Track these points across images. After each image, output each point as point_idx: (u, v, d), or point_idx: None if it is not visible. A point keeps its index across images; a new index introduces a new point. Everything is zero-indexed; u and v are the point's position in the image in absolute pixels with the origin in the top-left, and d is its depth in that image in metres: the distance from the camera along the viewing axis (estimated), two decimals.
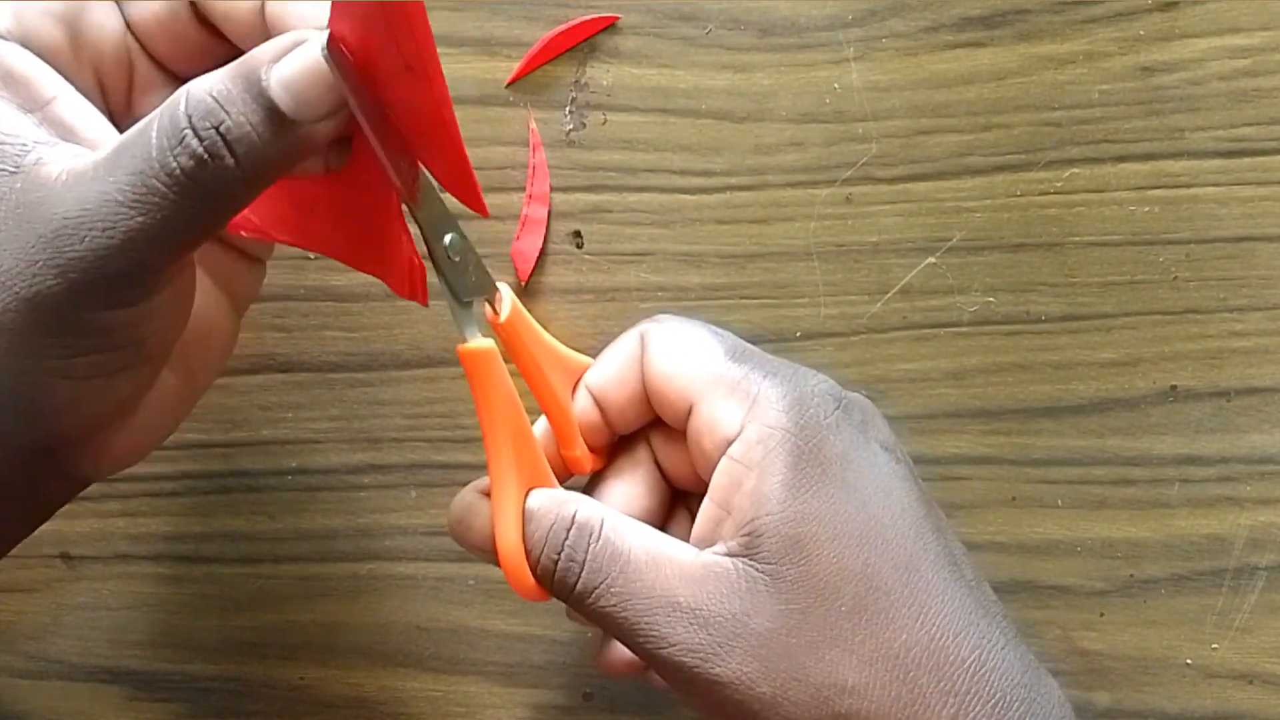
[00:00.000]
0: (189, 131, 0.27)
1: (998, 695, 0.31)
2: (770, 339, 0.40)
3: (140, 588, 0.42)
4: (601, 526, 0.33)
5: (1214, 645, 0.40)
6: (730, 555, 0.32)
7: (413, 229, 0.33)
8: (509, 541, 0.33)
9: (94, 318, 0.29)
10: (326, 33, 0.28)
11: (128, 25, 0.32)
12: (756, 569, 0.31)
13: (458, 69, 0.40)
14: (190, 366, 0.34)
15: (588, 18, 0.40)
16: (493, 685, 0.41)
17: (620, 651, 0.35)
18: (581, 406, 0.36)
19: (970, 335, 0.40)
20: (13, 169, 0.28)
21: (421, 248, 0.33)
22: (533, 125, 0.40)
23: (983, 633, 0.32)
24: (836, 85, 0.40)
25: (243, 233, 0.33)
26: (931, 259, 0.40)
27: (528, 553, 0.33)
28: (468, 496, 0.34)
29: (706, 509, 0.33)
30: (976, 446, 0.40)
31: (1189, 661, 0.40)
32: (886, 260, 0.40)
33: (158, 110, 0.28)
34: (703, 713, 0.33)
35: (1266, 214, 0.39)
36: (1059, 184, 0.40)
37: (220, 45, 0.33)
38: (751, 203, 0.40)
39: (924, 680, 0.31)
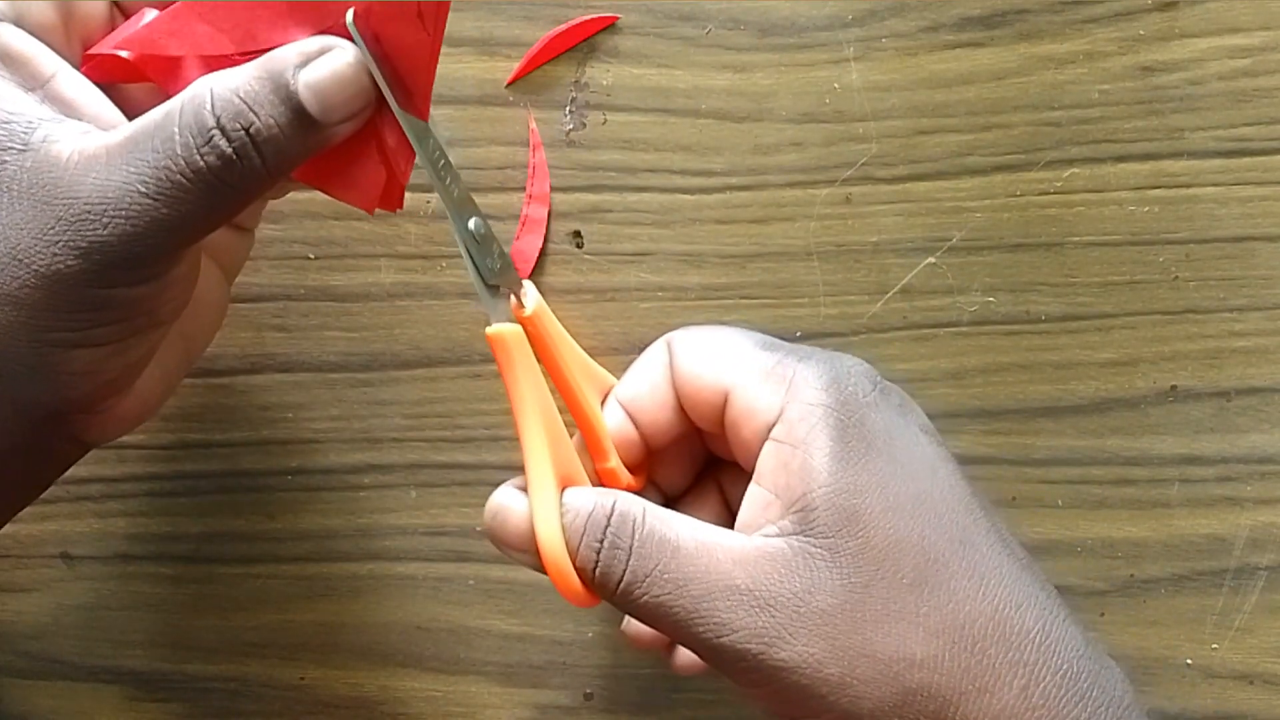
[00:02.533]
0: (216, 132, 0.28)
1: (1065, 666, 0.31)
2: None
3: (140, 588, 0.42)
4: (645, 515, 0.32)
5: (1214, 645, 0.40)
6: (784, 535, 0.31)
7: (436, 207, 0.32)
8: (550, 535, 0.32)
9: (111, 294, 0.30)
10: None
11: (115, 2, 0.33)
12: (813, 545, 0.31)
13: (458, 69, 0.40)
14: (186, 332, 0.35)
15: (588, 18, 0.40)
16: (493, 685, 0.41)
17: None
18: (615, 421, 0.35)
19: (970, 335, 0.40)
20: (21, 146, 0.29)
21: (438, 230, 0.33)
22: (533, 125, 0.40)
23: (1044, 605, 0.31)
24: (836, 85, 0.40)
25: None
26: (931, 259, 0.40)
27: (568, 545, 0.32)
28: (503, 492, 0.33)
29: (752, 494, 0.32)
30: (976, 446, 0.40)
31: (1189, 661, 0.40)
32: (886, 260, 0.40)
33: (176, 102, 0.29)
34: (765, 703, 0.32)
35: (1266, 214, 0.39)
36: (1059, 184, 0.40)
37: None
38: (751, 203, 0.40)
39: (992, 651, 0.30)
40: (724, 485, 0.37)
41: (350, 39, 0.30)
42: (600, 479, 0.35)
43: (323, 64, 0.29)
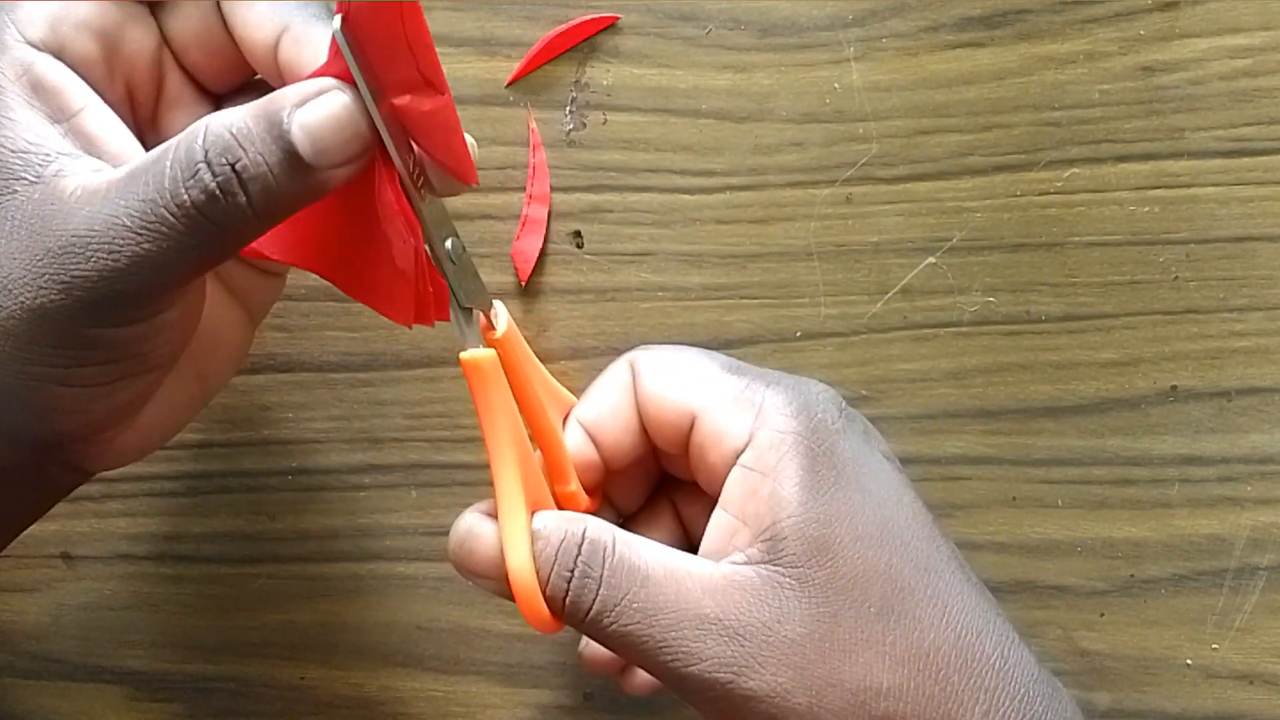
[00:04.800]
0: (203, 165, 0.27)
1: (1022, 691, 0.31)
2: (770, 339, 0.40)
3: (140, 588, 0.42)
4: (614, 543, 0.32)
5: (1214, 645, 0.40)
6: (752, 563, 0.31)
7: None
8: (520, 564, 0.32)
9: (96, 334, 0.29)
10: (349, 90, 0.29)
11: (163, 37, 0.33)
12: (782, 574, 0.31)
13: (458, 69, 0.40)
14: (201, 372, 0.35)
15: (588, 18, 0.40)
16: (493, 685, 0.41)
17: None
18: (575, 442, 0.35)
19: (970, 335, 0.40)
20: (34, 178, 0.29)
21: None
22: (533, 125, 0.40)
23: (1000, 630, 0.32)
24: (837, 85, 0.40)
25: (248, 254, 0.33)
26: (932, 259, 0.40)
27: (539, 574, 0.31)
28: (469, 518, 0.33)
29: (718, 521, 0.33)
30: (977, 446, 0.40)
31: (1189, 661, 0.40)
32: (887, 260, 0.40)
33: (176, 138, 0.28)
34: None
35: (1267, 214, 0.39)
36: (1059, 184, 0.40)
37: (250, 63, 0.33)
38: (752, 203, 0.40)
39: (955, 678, 0.31)
40: (679, 504, 0.37)
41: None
42: (560, 502, 0.35)
43: (319, 105, 0.28)
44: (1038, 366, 0.40)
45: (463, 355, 0.33)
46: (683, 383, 0.34)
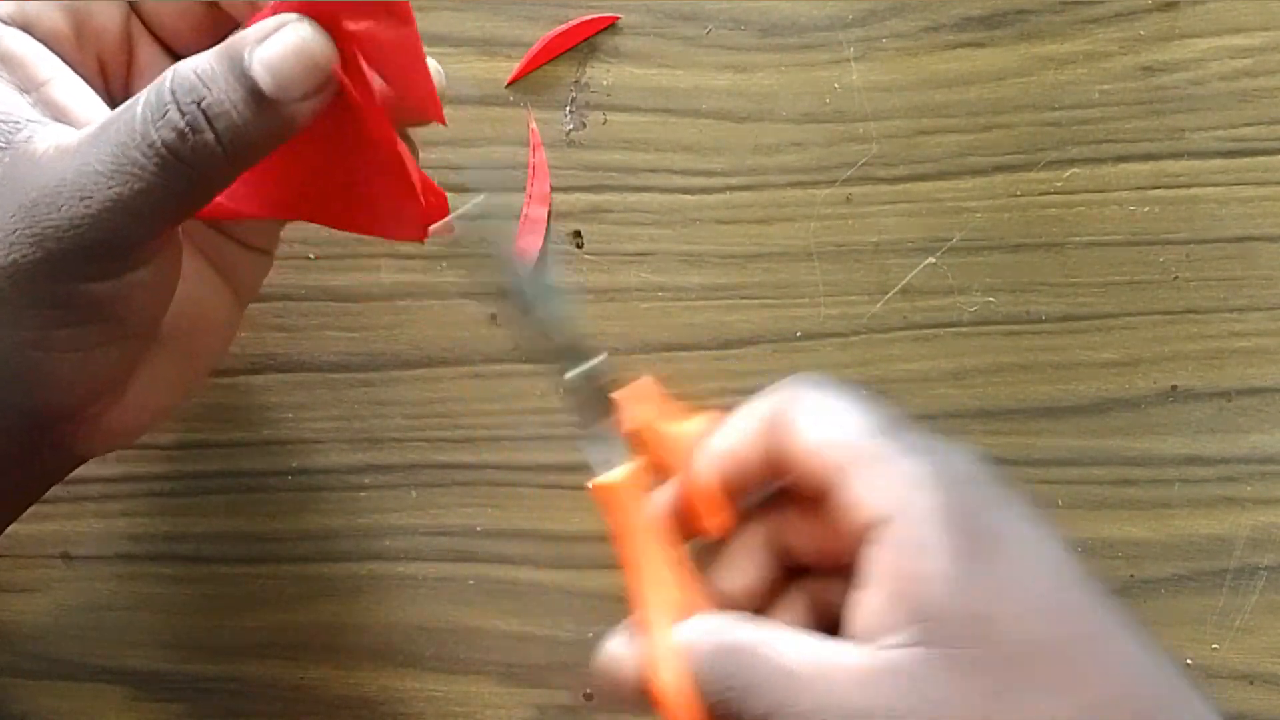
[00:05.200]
0: (171, 105, 0.28)
1: None
2: (770, 339, 0.40)
3: (140, 588, 0.42)
4: (761, 646, 0.30)
5: (1215, 645, 0.40)
6: (905, 645, 0.29)
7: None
8: (669, 681, 0.30)
9: (70, 289, 0.29)
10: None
11: (132, 6, 0.33)
12: (938, 655, 0.28)
13: (458, 69, 0.40)
14: (187, 351, 0.34)
15: (588, 18, 0.40)
16: (494, 685, 0.41)
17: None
18: (703, 474, 0.32)
19: (970, 335, 0.40)
20: (3, 145, 0.29)
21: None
22: (533, 125, 0.40)
23: (1172, 686, 0.30)
24: (837, 85, 0.40)
25: (219, 216, 0.33)
26: (932, 259, 0.40)
27: (693, 688, 0.30)
28: (616, 640, 0.31)
29: (860, 601, 0.30)
30: (977, 446, 0.40)
31: (1190, 661, 0.40)
32: (887, 260, 0.40)
33: (145, 88, 0.29)
34: None
35: (1267, 214, 0.39)
36: (1059, 184, 0.40)
37: (226, 21, 0.33)
38: (752, 203, 0.40)
39: None
40: (807, 588, 0.35)
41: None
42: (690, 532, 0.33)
43: (276, 40, 0.29)
44: (1038, 366, 0.40)
45: (594, 484, 0.31)
46: (835, 438, 0.31)
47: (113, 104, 0.32)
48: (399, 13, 0.30)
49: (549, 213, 0.40)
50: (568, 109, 0.40)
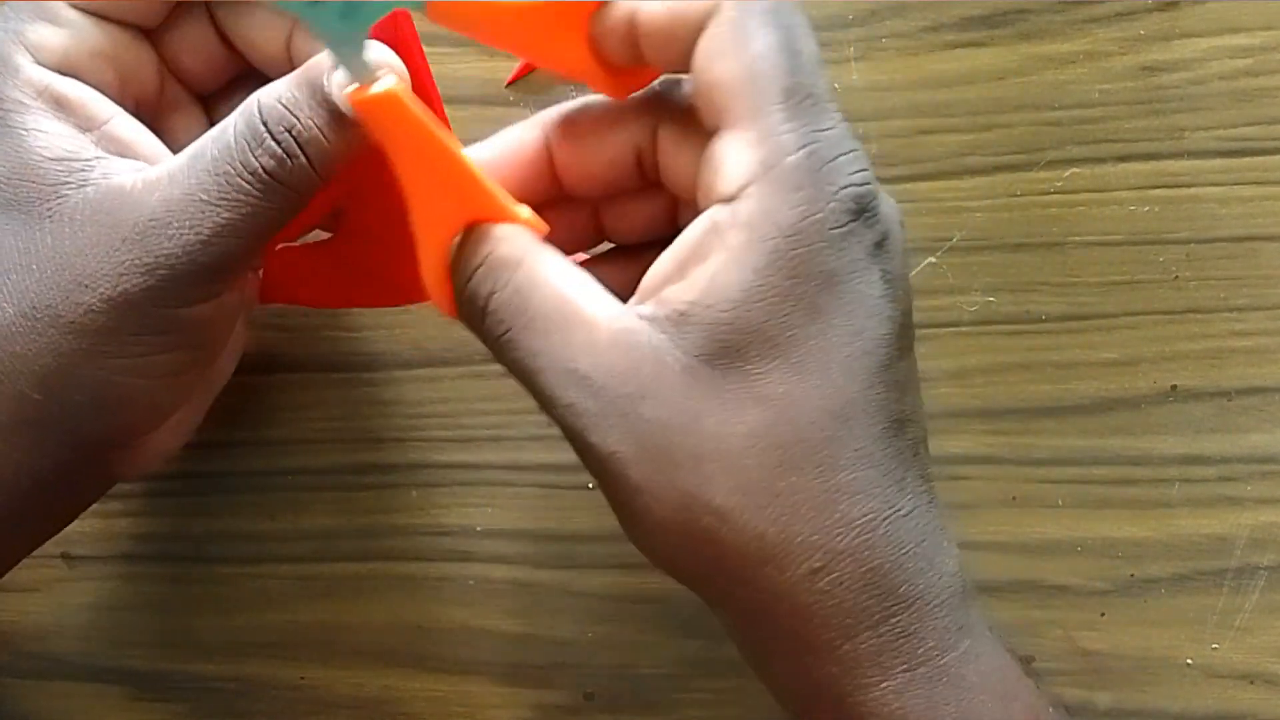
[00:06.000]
0: (266, 135, 0.30)
1: (877, 562, 0.28)
2: None
3: (141, 588, 0.42)
4: (520, 268, 0.29)
5: (1215, 645, 0.40)
6: (654, 327, 0.28)
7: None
8: (431, 267, 0.31)
9: (175, 314, 0.31)
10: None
11: (159, 55, 0.34)
12: (672, 356, 0.28)
13: (458, 69, 0.40)
14: (214, 368, 0.36)
15: None
16: (494, 685, 0.41)
17: None
18: (613, 28, 0.30)
19: (971, 335, 0.40)
20: (80, 182, 0.30)
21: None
22: None
23: (888, 499, 0.29)
24: (837, 85, 0.40)
25: (280, 300, 0.38)
26: (932, 259, 0.40)
27: (453, 283, 0.31)
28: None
29: (662, 260, 0.29)
30: (977, 446, 0.40)
31: (1190, 661, 0.40)
32: None
33: (230, 118, 0.30)
34: (599, 487, 0.30)
35: (1267, 214, 0.39)
36: (1059, 184, 0.40)
37: (241, 63, 0.35)
38: None
39: (799, 527, 0.28)
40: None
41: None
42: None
43: None
44: (1038, 366, 0.40)
45: (353, 98, 0.29)
46: (747, 75, 0.28)
47: None
48: (425, 97, 0.31)
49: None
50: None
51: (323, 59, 0.30)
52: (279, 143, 0.30)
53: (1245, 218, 0.39)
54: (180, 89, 0.35)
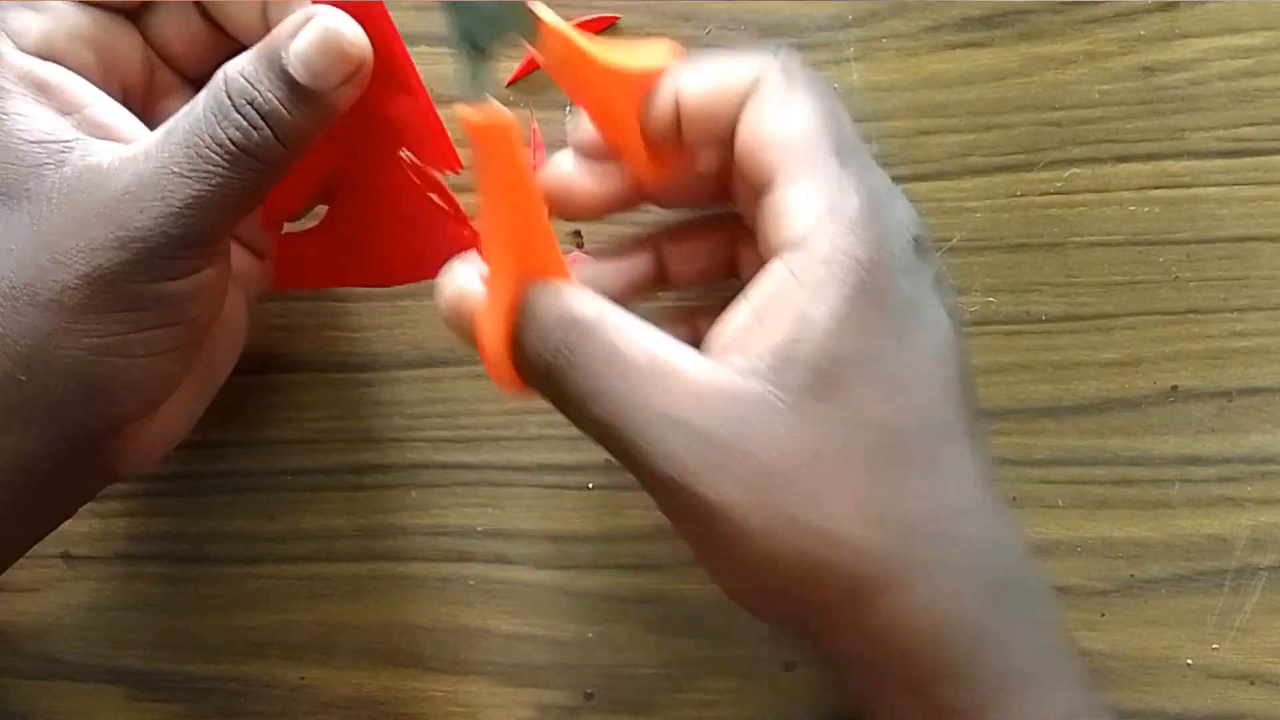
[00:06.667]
0: (230, 107, 0.30)
1: (998, 575, 0.29)
2: None
3: (141, 588, 0.42)
4: (601, 326, 0.29)
5: (1215, 645, 0.40)
6: (754, 376, 0.28)
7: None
8: (493, 333, 0.30)
9: (151, 289, 0.31)
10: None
11: (146, 40, 0.34)
12: (780, 399, 0.28)
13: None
14: (209, 362, 0.35)
15: (588, 18, 0.40)
16: (493, 685, 0.41)
17: None
18: (660, 106, 0.31)
19: (971, 335, 0.40)
20: (58, 162, 0.30)
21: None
22: (534, 125, 0.40)
23: (995, 513, 0.30)
24: (837, 85, 0.40)
25: (296, 285, 0.39)
26: None
27: (519, 347, 0.30)
28: (462, 277, 0.32)
29: (738, 313, 0.30)
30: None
31: (1190, 661, 0.40)
32: None
33: (201, 94, 0.31)
34: (689, 541, 0.30)
35: (1268, 214, 0.39)
36: (1060, 184, 0.40)
37: (228, 42, 0.35)
38: None
39: (922, 551, 0.29)
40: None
41: None
42: (631, 175, 0.33)
43: (306, 34, 0.31)
44: (1038, 366, 0.40)
45: (466, 118, 0.29)
46: (788, 139, 0.30)
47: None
48: (408, 84, 0.32)
49: (549, 213, 0.40)
50: (568, 109, 0.40)
51: (283, 31, 0.31)
52: (243, 115, 0.30)
53: (1245, 218, 0.39)
54: (172, 75, 0.35)
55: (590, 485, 0.40)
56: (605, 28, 0.40)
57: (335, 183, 0.36)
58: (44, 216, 0.30)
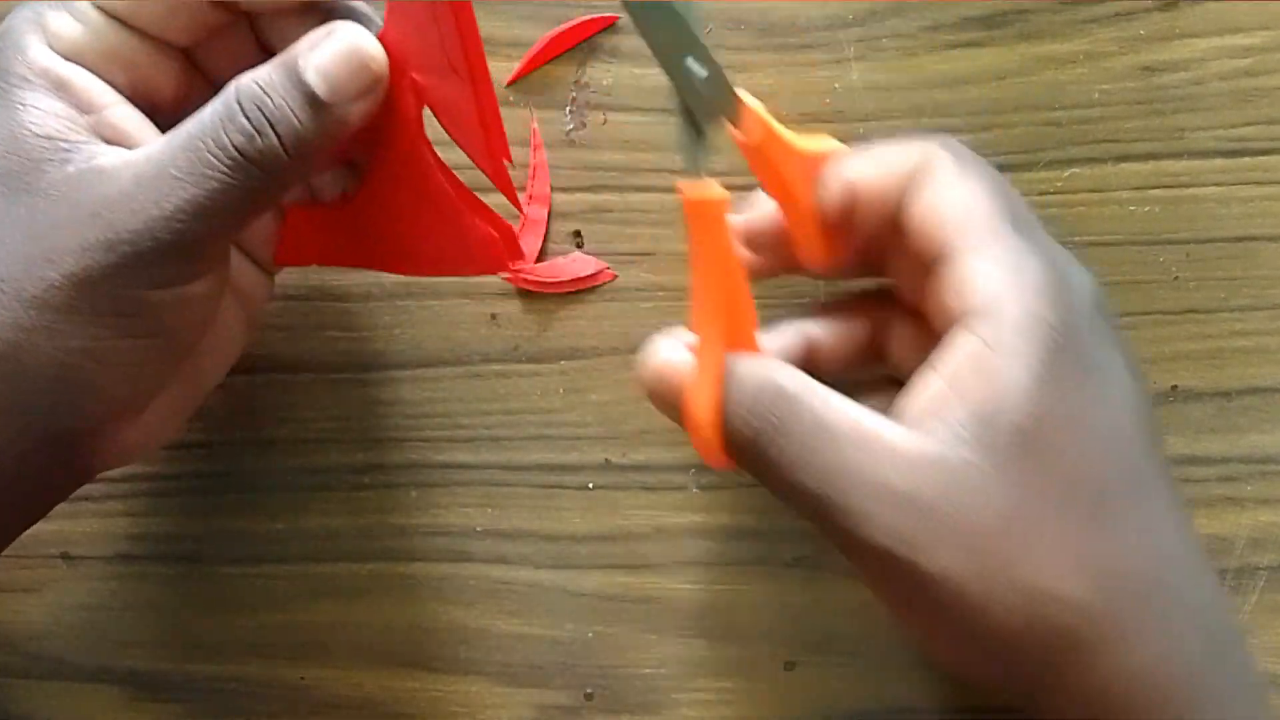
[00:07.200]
0: (239, 112, 0.30)
1: (1211, 628, 0.30)
2: None
3: (140, 588, 0.42)
4: (807, 396, 0.30)
5: None
6: (958, 443, 0.29)
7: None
8: (703, 403, 0.31)
9: (136, 296, 0.30)
10: (360, 29, 0.31)
11: (196, 67, 0.34)
12: (987, 464, 0.29)
13: None
14: (199, 368, 0.35)
15: (588, 18, 0.40)
16: (494, 685, 0.41)
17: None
18: (834, 187, 0.33)
19: None
20: (63, 161, 0.30)
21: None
22: (534, 125, 0.40)
23: (1199, 562, 0.31)
24: (837, 85, 0.40)
25: (296, 263, 0.37)
26: None
27: (726, 417, 0.30)
28: (669, 349, 0.32)
29: (929, 383, 0.30)
30: None
31: None
32: None
33: (210, 102, 0.31)
34: (896, 609, 0.31)
35: (1267, 214, 0.39)
36: (1059, 184, 0.40)
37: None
38: None
39: (1142, 606, 0.29)
40: (890, 339, 0.36)
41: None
42: (797, 258, 0.34)
43: (327, 46, 0.31)
44: None
45: (686, 195, 0.31)
46: (963, 213, 0.31)
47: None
48: (463, 72, 0.31)
49: (549, 213, 0.40)
50: (568, 109, 0.40)
51: (303, 43, 0.31)
52: (249, 119, 0.30)
53: (1245, 218, 0.39)
54: (209, 86, 0.35)
55: (590, 485, 0.40)
56: (605, 27, 0.40)
57: (365, 162, 0.35)
58: (40, 211, 0.30)
